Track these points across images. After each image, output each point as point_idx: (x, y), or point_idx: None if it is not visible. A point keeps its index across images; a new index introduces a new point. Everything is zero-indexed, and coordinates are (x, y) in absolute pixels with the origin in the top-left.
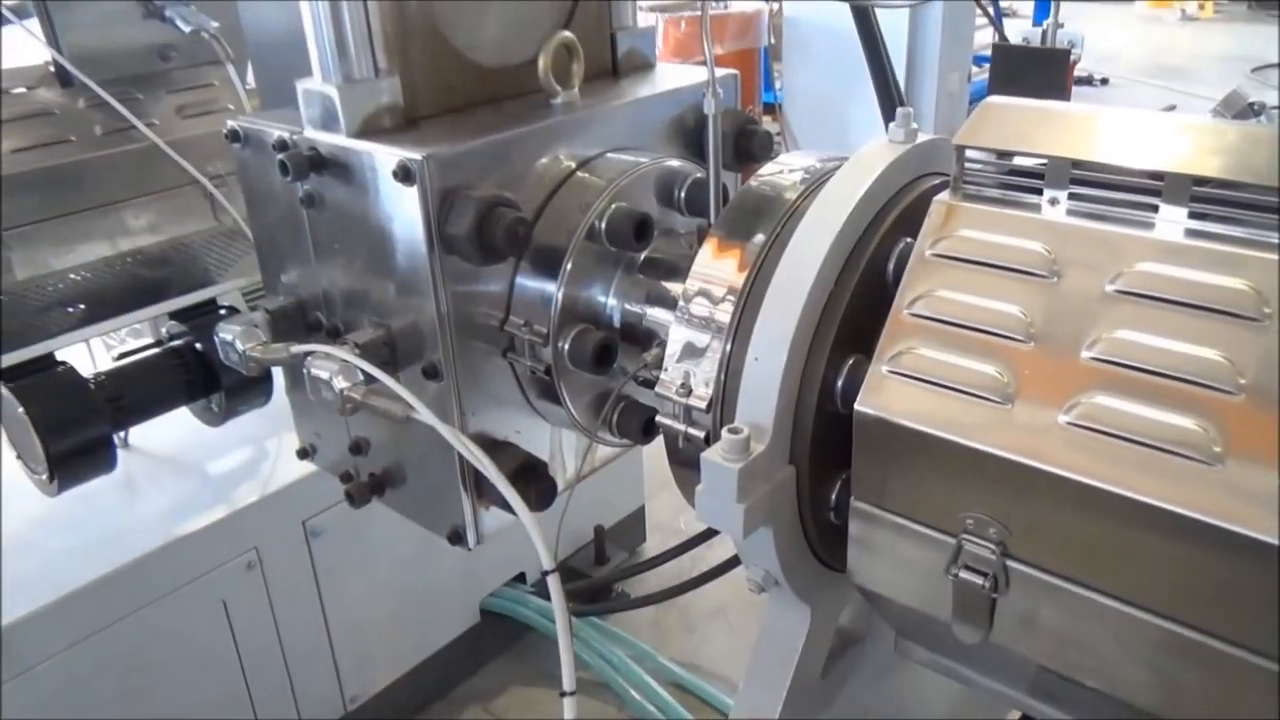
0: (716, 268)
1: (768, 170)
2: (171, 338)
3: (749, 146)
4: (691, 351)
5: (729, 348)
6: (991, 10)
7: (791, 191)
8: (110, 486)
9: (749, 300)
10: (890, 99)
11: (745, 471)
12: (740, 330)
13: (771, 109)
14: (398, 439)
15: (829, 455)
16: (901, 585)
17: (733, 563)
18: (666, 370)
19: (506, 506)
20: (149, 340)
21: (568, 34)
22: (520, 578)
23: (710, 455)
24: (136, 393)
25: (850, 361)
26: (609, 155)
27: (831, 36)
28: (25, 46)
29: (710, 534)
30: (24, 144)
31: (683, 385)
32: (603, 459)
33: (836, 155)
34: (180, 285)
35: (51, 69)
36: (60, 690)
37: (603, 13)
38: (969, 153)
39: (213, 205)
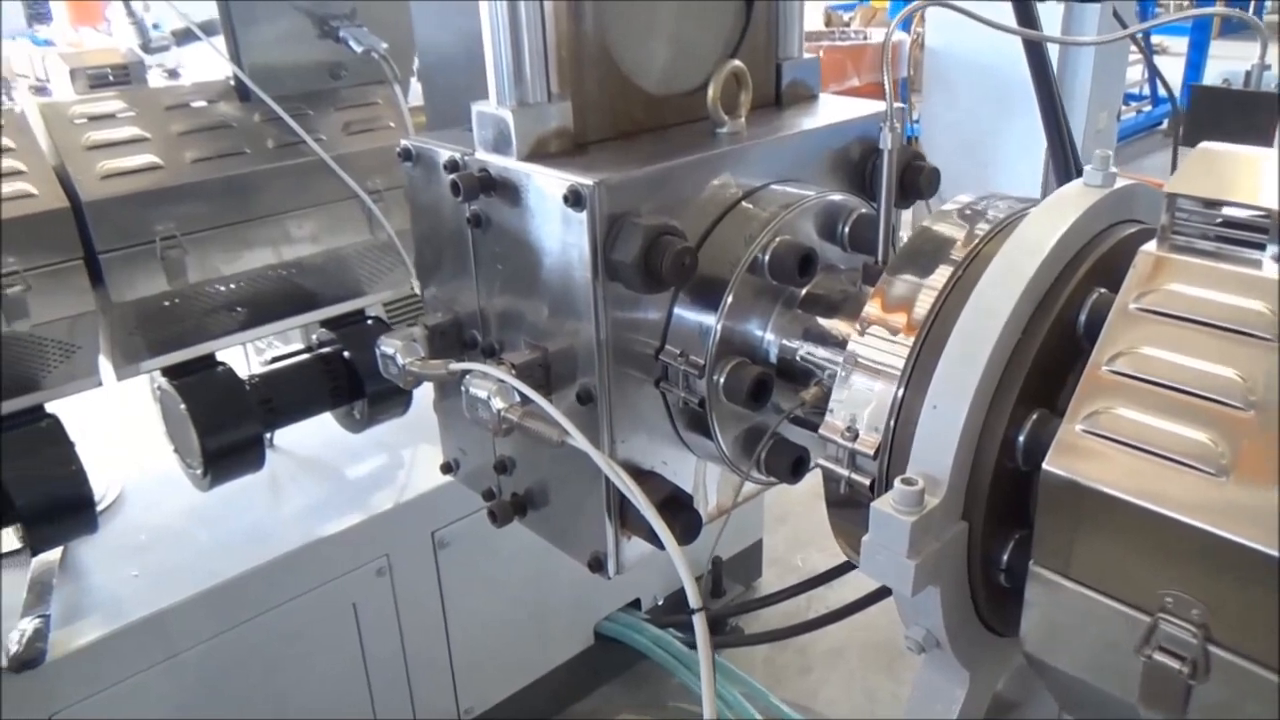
0: (891, 308)
1: (948, 209)
2: (321, 345)
3: (915, 182)
4: (859, 394)
5: (901, 393)
6: (1144, 45)
7: (974, 233)
8: (256, 484)
9: (925, 345)
10: (1060, 138)
11: (918, 526)
12: (915, 376)
13: (909, 142)
14: (543, 461)
15: (1002, 513)
16: (1081, 659)
17: (854, 607)
18: (832, 411)
19: (650, 537)
20: (297, 345)
21: (738, 63)
22: (635, 604)
23: (881, 506)
24: (287, 396)
25: (1034, 416)
26: (773, 187)
27: (974, 70)
28: (209, 61)
29: (830, 575)
30: (204, 154)
31: (848, 429)
32: (743, 495)
33: (1021, 197)
34: (332, 295)
35: (232, 84)
36: (200, 679)
37: (770, 42)
38: (1180, 201)
39: (369, 219)
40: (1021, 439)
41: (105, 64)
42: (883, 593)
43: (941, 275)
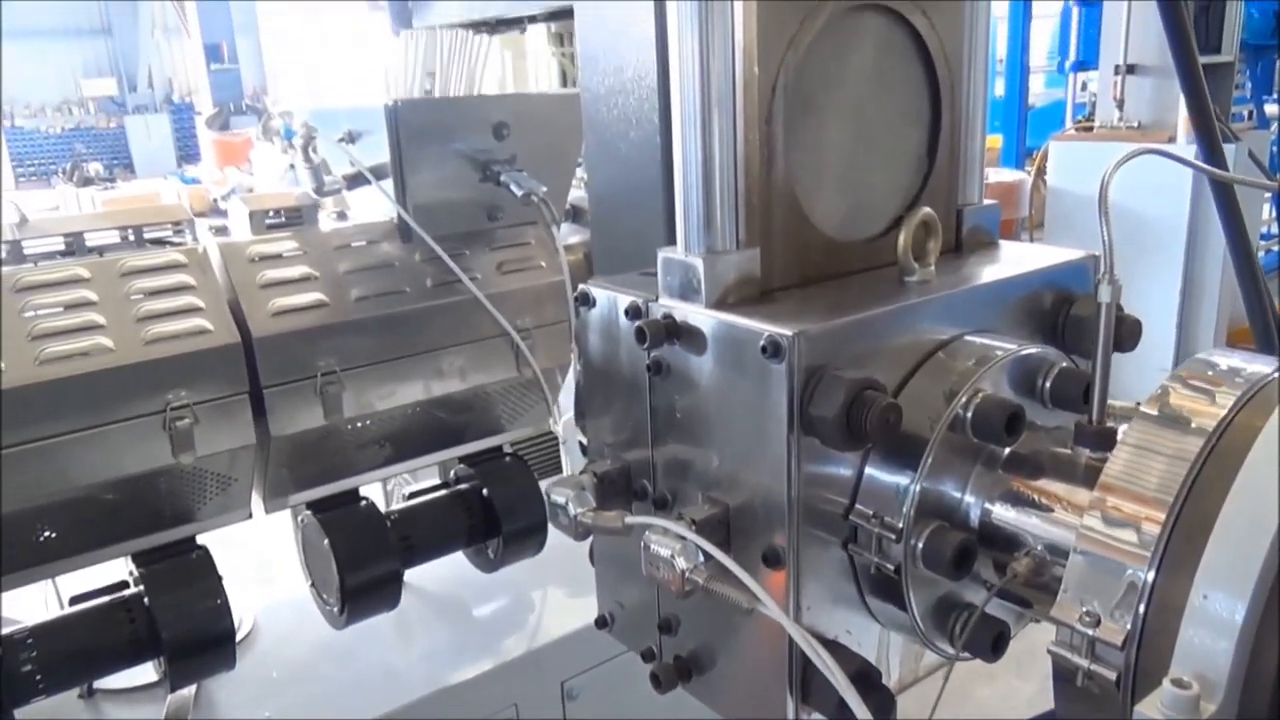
0: (1131, 479)
1: (1186, 370)
2: (458, 480)
3: (1117, 334)
4: (1097, 575)
5: (1152, 576)
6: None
7: (1223, 396)
8: (384, 621)
9: (1179, 523)
10: (1256, 286)
11: None
12: (1169, 557)
13: None
14: (712, 622)
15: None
16: None
17: None
18: (1065, 591)
19: (839, 715)
20: (429, 481)
21: (929, 211)
22: None
23: (1148, 711)
24: (425, 533)
25: None
26: (967, 338)
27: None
28: (372, 201)
29: None
30: (366, 292)
31: (1087, 613)
32: (926, 668)
33: (1255, 354)
34: (475, 431)
35: (395, 224)
36: None
37: (952, 188)
38: None
39: (517, 357)
40: None
41: (280, 206)
42: None
43: (1192, 445)
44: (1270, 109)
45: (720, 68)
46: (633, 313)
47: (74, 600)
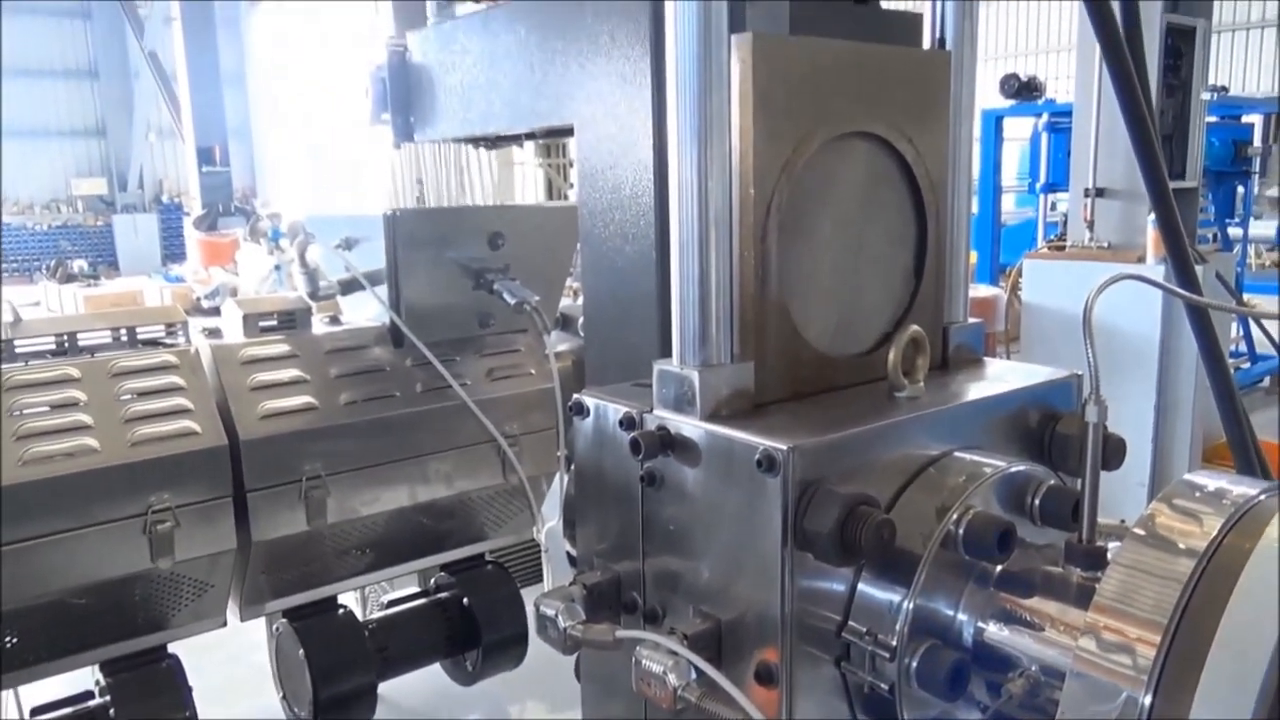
0: (1124, 601)
1: (1172, 493)
2: (438, 588)
3: (1103, 453)
4: (1094, 698)
5: (1149, 700)
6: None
7: (1210, 518)
8: None
9: (1175, 644)
10: (1234, 411)
11: None
12: (1165, 680)
13: None
14: None
15: None
16: None
17: None
18: (1064, 715)
19: None
20: (405, 589)
21: (918, 329)
22: None
23: None
24: (402, 643)
25: None
26: (956, 454)
27: (1075, 327)
28: (365, 306)
29: None
30: (356, 397)
31: None
32: None
33: (1236, 477)
34: (457, 538)
35: (387, 328)
36: None
37: (938, 306)
38: None
39: (503, 464)
40: None
41: (274, 310)
42: None
43: (1184, 566)
44: (1233, 231)
45: (718, 190)
46: (627, 424)
47: (35, 712)
